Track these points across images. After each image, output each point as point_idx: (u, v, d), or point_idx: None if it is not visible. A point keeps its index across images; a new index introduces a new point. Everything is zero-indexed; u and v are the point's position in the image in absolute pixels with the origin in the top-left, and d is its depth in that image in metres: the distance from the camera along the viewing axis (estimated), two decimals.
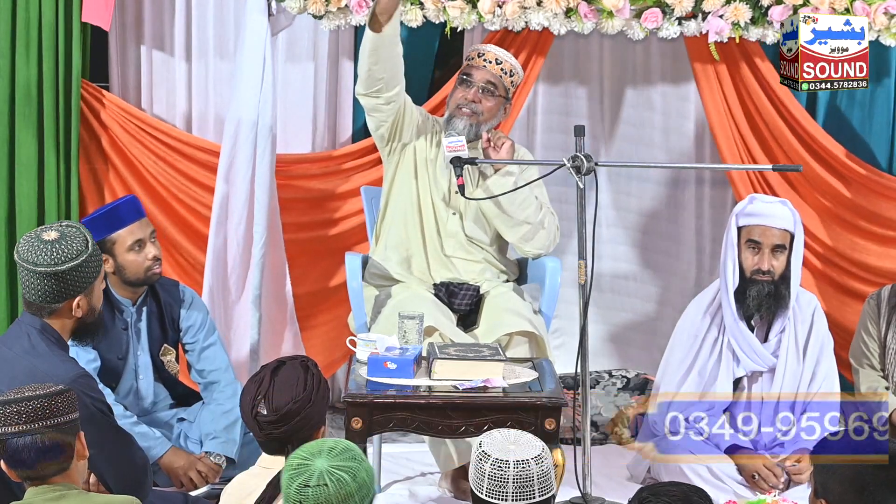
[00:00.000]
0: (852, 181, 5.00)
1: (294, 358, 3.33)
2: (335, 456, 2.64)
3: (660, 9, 4.62)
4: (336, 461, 2.63)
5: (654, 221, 5.46)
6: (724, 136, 4.97)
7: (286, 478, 2.64)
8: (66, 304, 3.35)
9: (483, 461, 2.86)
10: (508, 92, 4.52)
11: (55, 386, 2.91)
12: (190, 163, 4.96)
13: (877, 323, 4.55)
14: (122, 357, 4.18)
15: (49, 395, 2.87)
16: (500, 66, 4.47)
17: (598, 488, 4.14)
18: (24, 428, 2.83)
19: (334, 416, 4.99)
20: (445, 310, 4.40)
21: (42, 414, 2.84)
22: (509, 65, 4.49)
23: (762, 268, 4.28)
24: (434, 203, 4.49)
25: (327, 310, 5.10)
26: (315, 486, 2.60)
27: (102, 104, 4.90)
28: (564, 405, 3.77)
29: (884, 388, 4.50)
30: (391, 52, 4.31)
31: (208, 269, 4.76)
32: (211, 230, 4.76)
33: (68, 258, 3.30)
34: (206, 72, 5.10)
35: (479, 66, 4.47)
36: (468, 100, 4.44)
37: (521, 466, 2.85)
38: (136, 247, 4.12)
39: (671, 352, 4.45)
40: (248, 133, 4.67)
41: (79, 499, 2.88)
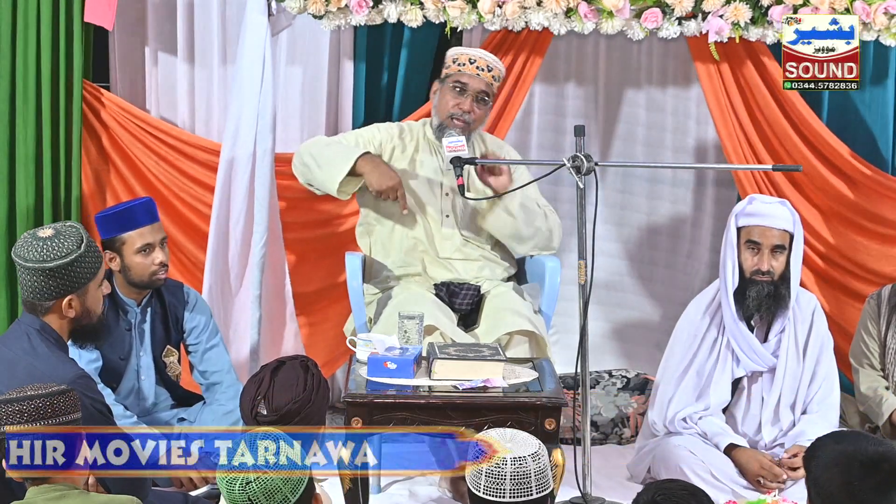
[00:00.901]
0: (856, 181, 4.99)
1: (294, 358, 3.33)
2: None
3: (660, 9, 4.62)
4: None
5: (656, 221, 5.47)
6: (728, 135, 4.96)
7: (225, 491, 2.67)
8: (57, 303, 3.35)
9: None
10: (494, 95, 4.57)
11: (57, 385, 2.92)
12: (191, 162, 4.97)
13: (877, 323, 4.55)
14: (125, 357, 4.19)
15: (51, 394, 2.87)
16: (492, 74, 4.48)
17: (598, 488, 4.13)
18: (25, 427, 2.83)
19: (334, 416, 4.99)
20: (446, 309, 4.41)
21: (43, 413, 2.85)
22: (498, 70, 4.51)
23: (762, 268, 4.28)
24: (427, 212, 4.51)
25: (328, 309, 5.10)
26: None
27: (102, 104, 4.90)
28: (564, 405, 3.77)
29: (884, 388, 4.50)
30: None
31: (208, 267, 4.76)
32: (211, 229, 4.76)
33: (58, 255, 3.30)
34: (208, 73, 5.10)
35: (472, 75, 4.45)
36: (463, 110, 4.44)
37: (518, 463, 2.85)
38: (144, 250, 4.13)
39: (671, 352, 4.45)
40: (248, 132, 4.67)
41: (79, 498, 2.88)
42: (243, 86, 4.66)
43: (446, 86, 4.49)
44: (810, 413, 4.32)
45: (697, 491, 2.75)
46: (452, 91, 4.46)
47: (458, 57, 4.49)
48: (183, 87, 5.10)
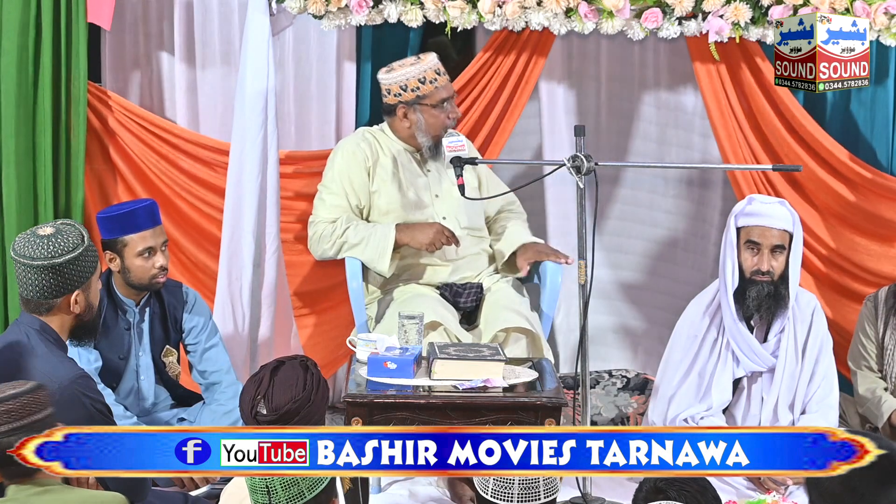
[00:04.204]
0: (854, 182, 4.99)
1: (294, 358, 3.33)
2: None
3: (660, 9, 4.62)
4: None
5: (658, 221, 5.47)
6: (728, 136, 4.96)
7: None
8: (65, 300, 3.35)
9: None
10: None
11: (23, 384, 2.90)
12: (193, 161, 4.96)
13: (874, 325, 4.54)
14: (124, 357, 4.19)
15: (17, 395, 2.86)
16: (445, 77, 4.54)
17: (598, 488, 4.13)
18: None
19: (334, 416, 4.99)
20: (450, 307, 4.43)
21: (17, 416, 2.84)
22: (443, 68, 4.56)
23: (762, 268, 4.28)
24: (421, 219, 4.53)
25: (328, 309, 5.10)
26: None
27: (107, 105, 4.89)
28: (564, 405, 3.77)
29: (882, 389, 4.49)
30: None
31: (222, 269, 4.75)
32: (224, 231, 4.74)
33: (65, 251, 3.31)
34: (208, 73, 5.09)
35: (445, 84, 4.52)
36: (452, 117, 4.51)
37: None
38: (145, 253, 4.13)
39: (671, 352, 4.45)
40: (255, 132, 4.66)
41: (63, 493, 2.88)
42: (246, 87, 4.65)
43: (425, 107, 4.50)
44: (809, 413, 4.32)
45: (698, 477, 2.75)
46: (439, 108, 4.49)
47: (423, 76, 4.49)
48: (181, 86, 5.09)
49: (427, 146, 4.54)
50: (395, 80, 4.50)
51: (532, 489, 2.87)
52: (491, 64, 4.91)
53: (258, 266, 4.74)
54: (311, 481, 2.66)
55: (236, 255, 4.73)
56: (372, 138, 4.61)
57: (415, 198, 4.55)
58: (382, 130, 4.64)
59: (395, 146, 4.60)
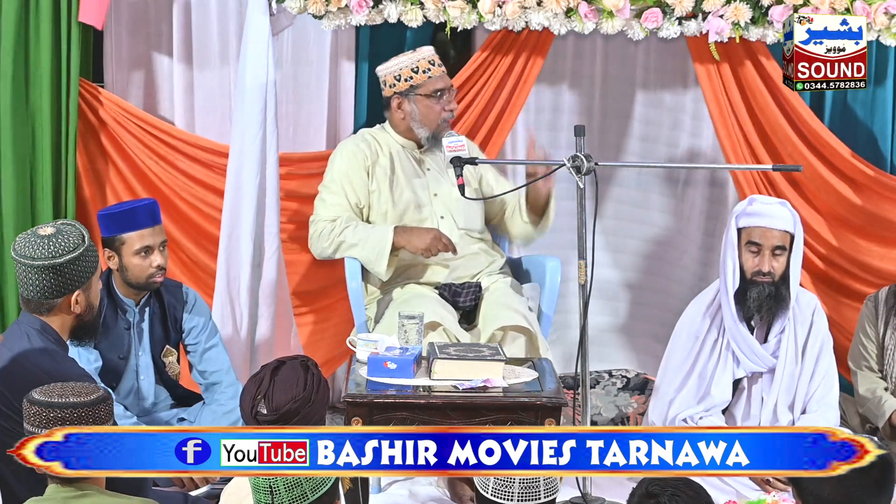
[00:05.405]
0: (857, 182, 4.99)
1: (294, 358, 3.33)
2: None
3: (660, 9, 4.62)
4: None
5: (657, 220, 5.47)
6: (728, 135, 4.96)
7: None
8: (65, 300, 3.35)
9: None
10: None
11: (89, 391, 2.90)
12: (191, 161, 4.96)
13: (874, 325, 4.54)
14: (124, 357, 4.19)
15: (94, 402, 2.87)
16: (441, 68, 4.58)
17: (598, 488, 4.13)
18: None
19: (334, 416, 4.99)
20: (449, 307, 4.43)
21: (85, 423, 2.84)
22: (437, 57, 4.59)
23: (763, 269, 4.27)
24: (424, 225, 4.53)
25: (328, 309, 5.10)
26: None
27: (100, 102, 4.89)
28: (564, 405, 3.78)
29: (883, 389, 4.49)
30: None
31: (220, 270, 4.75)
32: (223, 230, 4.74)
33: (65, 251, 3.31)
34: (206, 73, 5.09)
35: (440, 75, 4.56)
36: (453, 109, 4.57)
37: None
38: (143, 252, 4.13)
39: (671, 352, 4.45)
40: (254, 132, 4.66)
41: (98, 498, 2.87)
42: (246, 86, 4.65)
43: (419, 97, 4.53)
44: (809, 412, 4.32)
45: (691, 481, 2.75)
46: (434, 98, 4.52)
47: (416, 66, 4.54)
48: (180, 87, 5.09)
49: (425, 137, 4.56)
50: (390, 70, 4.58)
51: (532, 488, 2.87)
52: (489, 64, 4.91)
53: (257, 266, 4.74)
54: (315, 482, 2.66)
55: (235, 255, 4.73)
56: (371, 138, 4.63)
57: (413, 197, 4.56)
58: (383, 128, 4.67)
59: (395, 145, 4.61)
